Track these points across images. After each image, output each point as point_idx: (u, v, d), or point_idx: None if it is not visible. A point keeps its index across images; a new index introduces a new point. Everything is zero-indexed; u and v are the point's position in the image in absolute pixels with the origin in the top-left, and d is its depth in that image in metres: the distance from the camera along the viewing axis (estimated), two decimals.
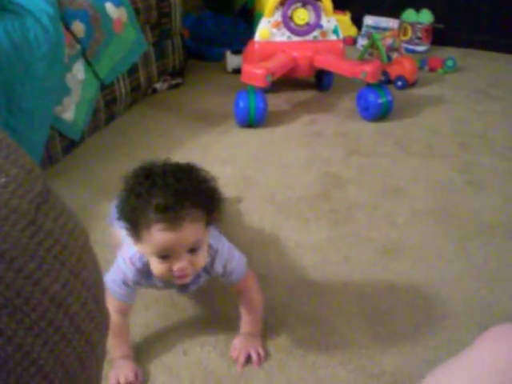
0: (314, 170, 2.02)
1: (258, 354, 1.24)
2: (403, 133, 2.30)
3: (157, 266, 1.11)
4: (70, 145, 2.06)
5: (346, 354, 1.25)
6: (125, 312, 1.22)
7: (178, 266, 1.08)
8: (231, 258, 1.23)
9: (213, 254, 1.20)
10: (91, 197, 1.81)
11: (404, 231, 1.68)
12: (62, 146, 2.01)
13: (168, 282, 1.20)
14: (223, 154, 2.12)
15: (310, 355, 1.25)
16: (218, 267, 1.21)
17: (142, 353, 1.25)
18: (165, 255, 1.08)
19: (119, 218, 1.12)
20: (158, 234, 1.05)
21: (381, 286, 1.46)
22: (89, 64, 2.08)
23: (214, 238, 1.21)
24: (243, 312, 1.29)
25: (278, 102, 2.58)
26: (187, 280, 1.14)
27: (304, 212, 1.76)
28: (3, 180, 0.38)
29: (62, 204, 0.41)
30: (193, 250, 1.09)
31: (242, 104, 2.27)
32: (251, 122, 2.30)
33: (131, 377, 1.19)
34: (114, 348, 1.21)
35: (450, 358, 0.45)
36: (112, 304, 1.18)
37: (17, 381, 0.33)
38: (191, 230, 1.06)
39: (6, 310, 0.33)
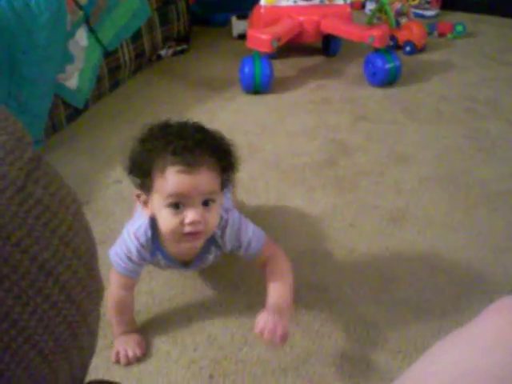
0: (320, 136, 2.00)
1: (284, 335, 1.05)
2: (411, 99, 2.28)
3: (167, 220, 1.03)
4: (74, 113, 2.05)
5: (351, 322, 1.25)
6: (129, 287, 1.18)
7: (190, 215, 1.01)
8: (244, 229, 1.17)
9: (223, 225, 1.15)
10: (95, 164, 1.81)
11: (410, 198, 1.66)
12: (66, 114, 2.00)
13: (172, 258, 1.17)
14: (228, 121, 2.10)
15: (314, 323, 1.25)
16: (231, 239, 1.16)
17: (146, 321, 1.25)
18: (177, 203, 1.02)
19: (131, 170, 1.08)
20: (174, 177, 1.01)
21: (386, 254, 1.45)
22: (92, 31, 2.05)
23: (224, 209, 1.16)
24: (270, 280, 1.15)
25: (284, 67, 2.56)
26: (198, 240, 1.09)
27: (310, 179, 1.75)
28: None
29: (53, 172, 0.41)
30: (207, 203, 1.03)
31: (247, 70, 2.25)
32: (257, 88, 2.28)
33: (139, 352, 1.18)
34: (120, 323, 1.20)
35: (455, 330, 0.44)
36: (116, 279, 1.16)
37: (4, 350, 0.33)
38: (208, 177, 1.02)
39: None
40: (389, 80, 2.34)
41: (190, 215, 1.01)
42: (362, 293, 1.32)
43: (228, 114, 2.16)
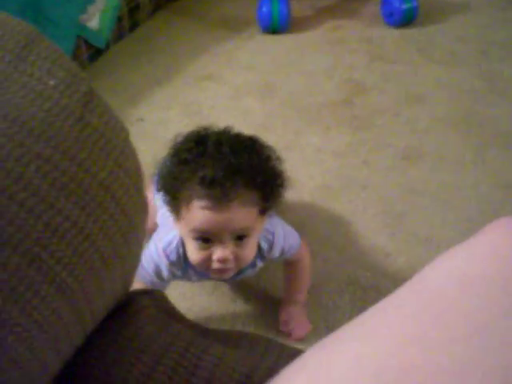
0: (336, 76, 2.03)
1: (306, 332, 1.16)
2: (427, 40, 2.29)
3: (194, 253, 0.93)
4: (96, 53, 2.08)
5: (363, 254, 1.32)
6: None
7: (218, 253, 0.90)
8: (288, 239, 1.08)
9: (271, 240, 1.04)
10: (118, 103, 1.85)
11: (424, 137, 1.71)
12: (88, 55, 2.03)
13: (205, 275, 1.05)
14: (246, 61, 2.13)
15: (328, 252, 1.32)
16: (276, 252, 1.06)
17: None
18: (205, 238, 0.91)
19: (158, 189, 0.97)
20: (199, 213, 0.88)
21: (399, 190, 1.51)
22: None
23: (270, 220, 1.05)
24: (290, 278, 1.18)
25: (301, 7, 2.55)
26: (226, 276, 0.97)
27: (326, 118, 1.79)
28: (52, 82, 0.42)
29: (104, 103, 0.46)
30: (240, 238, 0.92)
31: (265, 9, 2.26)
32: (274, 28, 2.29)
33: None
34: None
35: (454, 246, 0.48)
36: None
37: (73, 252, 0.39)
38: (240, 214, 0.89)
39: (63, 192, 0.38)
40: (406, 20, 2.34)
41: (218, 252, 0.91)
42: (375, 226, 1.39)
43: (246, 54, 2.19)
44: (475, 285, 0.40)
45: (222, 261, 0.91)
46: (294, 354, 0.41)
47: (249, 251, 0.94)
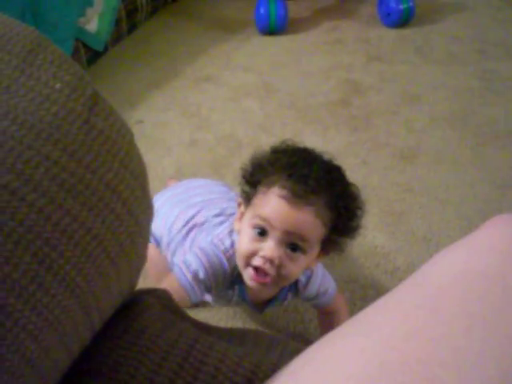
0: (334, 76, 2.04)
1: None
2: (424, 40, 2.30)
3: (245, 241, 0.90)
4: (94, 56, 2.09)
5: (362, 252, 1.33)
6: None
7: (266, 250, 0.87)
8: (325, 281, 1.04)
9: (309, 275, 1.02)
10: (116, 105, 1.82)
11: (422, 137, 1.72)
12: (87, 57, 2.04)
13: (248, 297, 1.01)
14: (244, 62, 2.14)
15: None
16: (312, 289, 1.02)
17: None
18: (263, 229, 0.87)
19: (244, 174, 0.95)
20: (274, 200, 0.87)
21: (397, 189, 1.51)
22: None
23: None
24: (326, 330, 1.05)
25: (298, 8, 2.57)
26: (262, 284, 0.90)
27: (324, 118, 1.80)
28: (59, 85, 0.43)
29: (109, 106, 0.47)
30: (294, 249, 0.88)
31: (262, 11, 2.27)
32: (272, 29, 2.30)
33: None
34: None
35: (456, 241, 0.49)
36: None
37: (81, 251, 0.40)
38: (309, 222, 0.86)
39: (71, 194, 0.39)
40: (402, 21, 2.35)
41: (266, 249, 0.87)
42: (374, 225, 1.40)
43: (243, 55, 2.20)
44: (474, 279, 0.41)
45: (267, 259, 0.87)
46: (298, 349, 0.42)
47: (294, 268, 0.89)
